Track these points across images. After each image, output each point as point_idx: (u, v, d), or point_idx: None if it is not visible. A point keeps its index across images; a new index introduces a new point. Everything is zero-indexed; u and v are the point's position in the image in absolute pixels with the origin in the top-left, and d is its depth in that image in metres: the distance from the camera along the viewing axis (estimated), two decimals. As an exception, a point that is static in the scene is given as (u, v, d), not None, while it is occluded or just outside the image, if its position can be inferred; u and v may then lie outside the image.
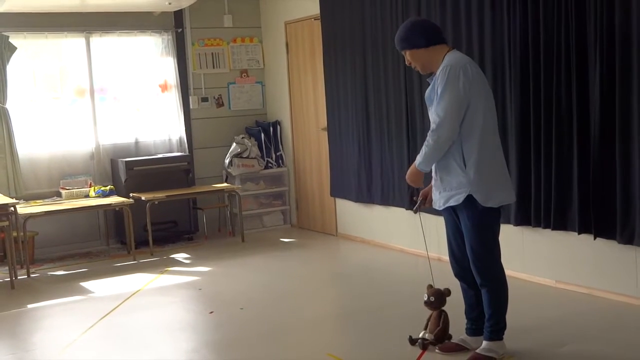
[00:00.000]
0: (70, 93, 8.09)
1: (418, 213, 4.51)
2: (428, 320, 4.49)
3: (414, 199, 4.59)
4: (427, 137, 4.05)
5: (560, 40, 5.24)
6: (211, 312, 5.54)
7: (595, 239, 5.17)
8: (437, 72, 4.08)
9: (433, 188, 4.28)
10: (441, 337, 4.43)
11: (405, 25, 4.28)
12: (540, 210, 5.51)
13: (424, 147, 4.08)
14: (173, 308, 5.81)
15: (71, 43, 8.06)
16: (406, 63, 4.28)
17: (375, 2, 7.03)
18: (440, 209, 4.24)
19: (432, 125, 4.01)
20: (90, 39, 8.08)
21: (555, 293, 5.50)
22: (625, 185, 4.91)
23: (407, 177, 4.29)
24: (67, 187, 7.84)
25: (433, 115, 4.05)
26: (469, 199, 4.06)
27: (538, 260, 5.74)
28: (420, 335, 4.46)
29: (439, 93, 4.02)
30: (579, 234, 5.28)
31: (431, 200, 4.38)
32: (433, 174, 4.26)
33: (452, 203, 4.13)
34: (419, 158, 4.13)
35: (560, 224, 5.40)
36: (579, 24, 5.11)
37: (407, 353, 4.40)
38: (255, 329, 5.11)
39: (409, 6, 6.57)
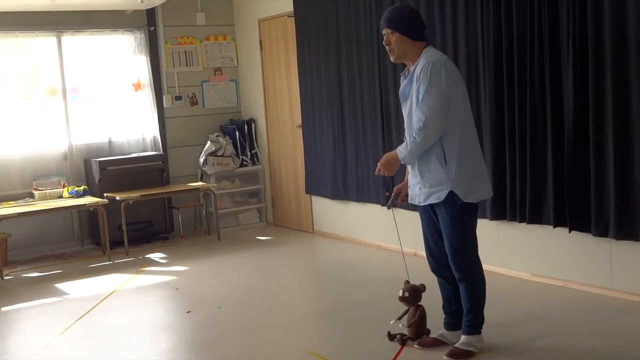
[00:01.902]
0: (41, 93, 7.98)
1: (392, 209, 4.51)
2: (404, 312, 4.49)
3: (387, 194, 4.58)
4: (414, 134, 4.02)
5: (534, 36, 5.28)
6: (189, 312, 5.51)
7: (570, 232, 5.22)
8: (417, 69, 4.06)
9: (411, 183, 4.28)
10: (419, 331, 4.45)
11: (406, 10, 4.26)
12: (516, 204, 5.55)
13: (410, 142, 4.05)
14: (150, 308, 5.78)
15: (42, 42, 7.97)
16: (384, 42, 4.21)
17: (349, -1, 7.05)
18: (421, 205, 4.25)
19: (419, 123, 3.99)
20: (62, 38, 8.00)
21: (531, 286, 5.54)
22: (599, 179, 4.96)
23: (383, 163, 4.20)
24: (40, 188, 7.76)
25: (418, 112, 4.03)
26: (450, 195, 4.07)
27: (514, 254, 5.78)
28: (392, 322, 4.47)
29: (422, 90, 4.00)
30: (554, 227, 5.32)
31: (405, 196, 4.38)
32: (410, 169, 4.26)
33: (433, 200, 4.13)
34: (403, 151, 4.10)
35: (535, 217, 5.45)
36: (551, 19, 5.15)
37: (386, 349, 4.41)
38: (233, 327, 5.10)
39: (382, 3, 6.58)
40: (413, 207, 4.44)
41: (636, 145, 4.76)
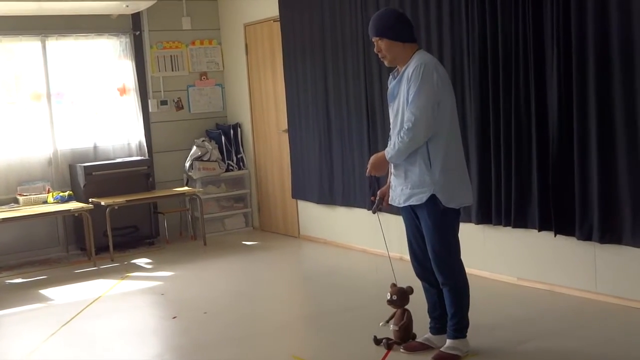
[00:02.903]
0: (26, 98, 7.94)
1: (377, 213, 4.52)
2: (391, 316, 4.50)
3: (372, 199, 4.59)
4: (402, 134, 4.03)
5: (518, 42, 5.31)
6: (174, 317, 5.50)
7: (555, 235, 5.24)
8: (409, 69, 4.07)
9: (394, 183, 4.27)
10: (405, 336, 4.45)
11: (390, 14, 4.23)
12: (501, 208, 5.56)
13: (398, 142, 4.06)
14: (136, 313, 5.75)
15: (27, 47, 7.93)
16: (375, 50, 4.22)
17: (335, 3, 7.05)
18: (400, 206, 4.25)
19: (408, 124, 4.00)
20: (47, 42, 7.96)
21: (516, 290, 5.56)
22: (583, 183, 4.99)
23: (372, 164, 4.24)
24: (25, 194, 7.71)
25: (407, 113, 4.04)
26: (431, 199, 4.08)
27: (499, 257, 5.80)
28: (381, 325, 4.48)
29: (413, 91, 4.01)
30: (539, 231, 5.34)
31: (389, 199, 4.38)
32: (394, 169, 4.26)
33: (413, 202, 4.14)
34: (390, 151, 4.12)
35: (520, 221, 5.46)
36: (536, 25, 5.18)
37: (372, 353, 4.42)
38: (219, 333, 5.08)
39: (368, 6, 6.59)
40: (398, 211, 4.45)
41: (619, 149, 4.79)
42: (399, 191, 4.22)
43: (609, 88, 4.82)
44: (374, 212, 4.48)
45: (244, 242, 8.20)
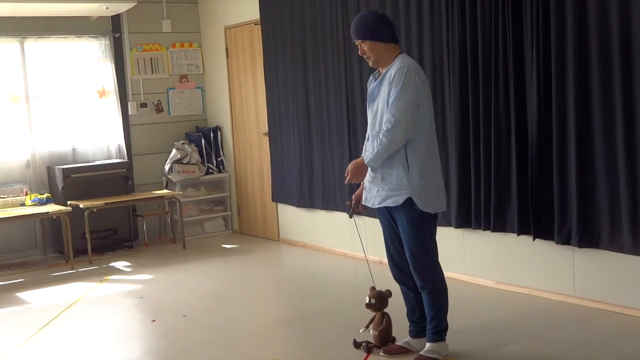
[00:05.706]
0: (4, 100, 7.87)
1: (353, 217, 4.52)
2: (370, 321, 4.51)
3: (347, 203, 4.58)
4: (381, 137, 4.05)
5: (498, 46, 5.33)
6: (153, 321, 5.47)
7: (534, 240, 5.27)
8: (391, 71, 4.09)
9: (369, 185, 4.27)
10: (385, 339, 4.46)
11: (371, 15, 4.28)
12: (481, 212, 5.59)
13: (376, 145, 4.07)
14: (114, 317, 5.72)
15: (5, 48, 7.86)
16: (359, 52, 4.24)
17: (315, 7, 7.06)
18: (374, 207, 4.25)
19: (387, 125, 4.02)
20: (25, 43, 7.90)
21: (495, 294, 5.58)
22: (562, 188, 5.03)
23: (352, 171, 4.23)
24: (2, 196, 7.63)
25: (387, 114, 4.05)
26: (408, 201, 4.09)
27: (478, 261, 5.83)
28: (361, 331, 4.48)
29: (394, 93, 4.03)
30: (518, 235, 5.37)
31: (363, 200, 4.38)
32: (370, 171, 4.24)
33: (389, 204, 4.15)
34: (369, 155, 4.12)
35: (500, 225, 5.49)
36: (516, 30, 5.22)
37: (352, 356, 4.42)
38: (199, 336, 5.06)
39: (349, 10, 6.61)
40: (376, 215, 4.44)
41: (597, 155, 4.84)
42: (374, 192, 4.22)
43: (587, 94, 4.85)
44: (350, 217, 4.48)
45: (223, 246, 8.17)
